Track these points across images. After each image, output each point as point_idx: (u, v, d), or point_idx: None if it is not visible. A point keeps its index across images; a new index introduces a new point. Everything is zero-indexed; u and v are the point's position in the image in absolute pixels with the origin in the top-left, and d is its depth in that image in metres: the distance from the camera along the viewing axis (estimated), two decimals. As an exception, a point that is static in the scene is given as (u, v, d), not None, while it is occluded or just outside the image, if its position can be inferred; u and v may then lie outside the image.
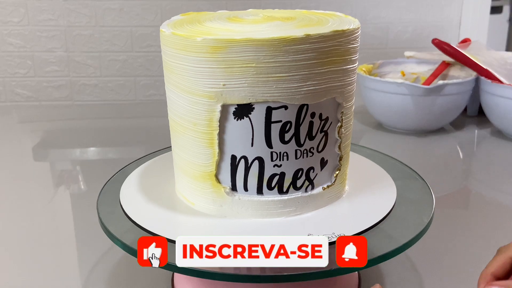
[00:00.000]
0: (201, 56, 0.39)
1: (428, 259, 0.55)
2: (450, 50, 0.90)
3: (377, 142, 0.92)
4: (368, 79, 0.91)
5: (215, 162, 0.42)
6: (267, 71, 0.39)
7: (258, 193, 0.43)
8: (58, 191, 0.75)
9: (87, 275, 0.53)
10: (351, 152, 0.57)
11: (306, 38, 0.38)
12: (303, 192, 0.44)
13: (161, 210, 0.46)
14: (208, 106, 0.41)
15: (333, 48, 0.40)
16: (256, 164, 0.42)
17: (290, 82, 0.39)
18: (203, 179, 0.44)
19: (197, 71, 0.40)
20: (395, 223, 0.44)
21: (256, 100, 0.40)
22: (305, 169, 0.43)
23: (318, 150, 0.44)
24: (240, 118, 0.41)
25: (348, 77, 0.43)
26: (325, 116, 0.43)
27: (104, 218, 0.45)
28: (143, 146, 0.90)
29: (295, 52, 0.38)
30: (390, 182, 0.51)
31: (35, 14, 1.10)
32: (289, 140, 0.42)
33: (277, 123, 0.41)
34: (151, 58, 1.15)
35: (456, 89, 0.87)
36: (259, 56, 0.38)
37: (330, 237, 0.40)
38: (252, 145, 0.41)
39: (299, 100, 0.40)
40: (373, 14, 1.25)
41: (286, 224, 0.43)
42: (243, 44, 0.38)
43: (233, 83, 0.39)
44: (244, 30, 0.41)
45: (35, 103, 1.14)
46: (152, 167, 0.56)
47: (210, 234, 0.43)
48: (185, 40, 0.40)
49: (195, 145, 0.43)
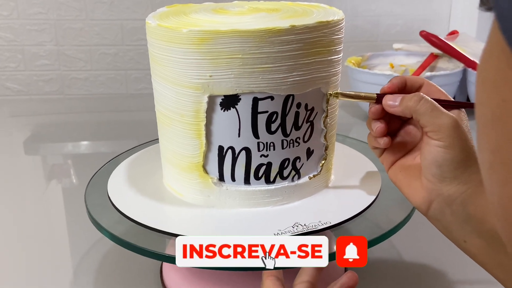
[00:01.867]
0: (187, 47, 0.40)
1: (413, 248, 0.56)
2: (437, 42, 0.91)
3: (366, 133, 0.92)
4: (356, 71, 0.91)
5: (202, 153, 0.43)
6: (253, 62, 0.39)
7: (245, 183, 0.44)
8: (49, 184, 0.75)
9: (76, 266, 0.54)
10: (339, 143, 0.58)
11: (291, 29, 0.39)
12: (289, 182, 0.45)
13: (149, 201, 0.46)
14: (195, 98, 0.41)
15: (318, 39, 0.41)
16: (243, 154, 0.43)
17: (276, 73, 0.40)
18: (191, 170, 0.44)
19: (184, 62, 0.40)
20: (379, 211, 0.45)
21: (242, 91, 0.40)
22: (291, 159, 0.44)
23: (304, 140, 0.44)
24: (227, 109, 0.41)
25: (333, 68, 0.44)
26: (310, 106, 0.43)
27: (92, 209, 0.46)
28: (135, 139, 0.90)
29: (281, 43, 0.39)
30: (376, 172, 0.51)
31: (25, 8, 1.09)
32: (275, 131, 0.42)
33: (264, 114, 0.41)
34: (142, 52, 1.15)
35: (444, 80, 0.87)
36: (245, 47, 0.38)
37: (316, 225, 0.41)
38: (239, 135, 0.42)
39: (285, 91, 0.41)
40: (364, 7, 1.26)
41: (273, 213, 0.44)
42: (229, 36, 0.38)
43: (219, 74, 0.40)
44: (230, 21, 0.42)
45: (25, 97, 1.14)
46: (140, 159, 0.56)
47: (197, 224, 0.44)
48: (171, 31, 0.40)
49: (182, 136, 0.43)
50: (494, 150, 0.19)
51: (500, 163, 0.19)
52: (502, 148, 0.18)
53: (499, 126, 0.18)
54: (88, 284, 0.51)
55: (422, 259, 0.54)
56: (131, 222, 0.43)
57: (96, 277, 0.52)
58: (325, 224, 0.41)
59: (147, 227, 0.42)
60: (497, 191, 0.19)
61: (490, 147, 0.19)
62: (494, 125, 0.18)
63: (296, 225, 0.41)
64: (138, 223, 0.43)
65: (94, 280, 0.51)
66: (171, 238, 0.41)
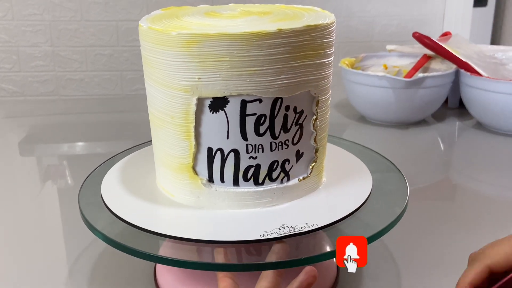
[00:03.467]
0: (176, 50, 0.40)
1: (407, 250, 0.56)
2: (430, 44, 0.92)
3: (359, 134, 0.93)
4: (350, 72, 0.92)
5: (192, 154, 0.43)
6: (241, 65, 0.39)
7: (234, 185, 0.44)
8: (44, 186, 0.76)
9: (71, 266, 0.54)
10: (331, 145, 0.59)
11: (278, 32, 0.39)
12: (278, 184, 0.45)
13: (141, 202, 0.47)
14: (184, 100, 0.42)
15: (306, 42, 0.41)
16: (232, 156, 0.43)
17: (264, 76, 0.40)
18: (181, 170, 0.45)
19: (173, 65, 0.41)
20: (369, 213, 0.45)
21: (230, 93, 0.41)
22: (280, 161, 0.44)
23: (293, 143, 0.44)
24: (216, 111, 0.42)
25: (323, 71, 0.44)
26: (299, 109, 0.43)
27: (85, 210, 0.46)
28: (130, 140, 0.90)
29: (268, 47, 0.39)
30: (367, 174, 0.52)
31: (20, 9, 1.10)
32: (264, 133, 0.43)
33: (252, 116, 0.42)
34: (137, 53, 1.15)
35: (437, 81, 0.88)
36: (232, 50, 0.39)
37: (303, 227, 0.41)
38: (228, 137, 0.42)
39: (273, 94, 0.41)
40: (359, 8, 1.26)
41: (261, 215, 0.44)
42: (216, 39, 0.39)
43: (207, 77, 0.40)
44: (219, 24, 0.42)
45: (20, 98, 1.14)
46: (135, 160, 0.57)
47: (187, 225, 0.44)
48: (161, 34, 0.41)
49: (173, 138, 0.44)
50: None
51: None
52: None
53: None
54: (82, 285, 0.51)
55: (415, 262, 0.55)
56: (124, 223, 0.44)
57: (90, 278, 0.52)
58: (312, 226, 0.41)
59: (138, 227, 0.42)
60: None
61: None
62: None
63: (283, 227, 0.41)
64: (130, 224, 0.43)
65: (88, 281, 0.52)
66: (165, 239, 0.42)
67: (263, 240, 0.40)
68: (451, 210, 0.67)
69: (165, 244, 0.42)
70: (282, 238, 0.40)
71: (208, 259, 0.41)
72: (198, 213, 0.45)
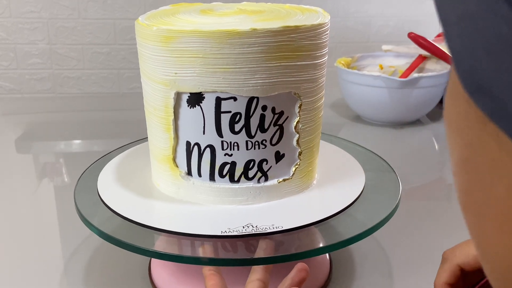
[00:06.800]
0: (156, 45, 0.42)
1: (400, 248, 0.57)
2: (425, 44, 0.93)
3: (355, 134, 0.94)
4: (345, 72, 0.92)
5: (171, 146, 0.45)
6: (214, 62, 0.40)
7: (210, 180, 0.45)
8: (41, 183, 0.76)
9: (67, 262, 0.55)
10: (326, 143, 0.59)
11: (252, 32, 0.39)
12: (255, 183, 0.45)
13: (135, 197, 0.47)
14: (164, 93, 0.43)
15: (283, 43, 0.40)
16: (208, 151, 0.44)
17: (237, 74, 0.40)
18: (164, 162, 0.46)
19: (155, 59, 0.42)
20: (362, 211, 0.45)
21: (205, 89, 0.41)
22: (257, 161, 0.44)
23: (272, 143, 0.44)
24: (193, 106, 0.42)
25: (306, 73, 0.43)
26: (279, 110, 0.43)
27: (81, 205, 0.46)
28: (127, 138, 0.90)
29: (241, 45, 0.39)
30: (360, 173, 0.51)
31: (17, 6, 1.10)
32: (239, 131, 0.43)
33: (227, 114, 0.42)
34: (134, 51, 1.15)
35: (431, 81, 0.89)
36: (206, 47, 0.40)
37: (267, 228, 0.41)
38: (204, 133, 0.43)
39: (248, 93, 0.41)
40: (356, 8, 1.27)
41: (233, 212, 0.44)
42: (190, 35, 0.40)
43: (183, 72, 0.41)
44: (204, 22, 0.43)
45: (17, 96, 1.14)
46: (131, 156, 0.57)
47: (168, 217, 0.45)
48: (145, 29, 0.42)
49: (157, 129, 0.45)
50: (466, 191, 0.18)
51: (473, 202, 0.18)
52: (472, 191, 0.18)
53: (468, 169, 0.17)
54: (78, 280, 0.52)
55: (407, 258, 0.55)
56: (120, 218, 0.44)
57: (86, 273, 0.53)
58: (276, 228, 0.41)
59: (132, 221, 0.43)
60: (472, 231, 0.19)
61: (461, 188, 0.19)
62: (462, 168, 0.18)
63: (247, 225, 0.41)
64: (124, 218, 0.44)
65: (84, 276, 0.52)
66: (160, 234, 0.42)
67: (222, 236, 0.40)
68: (445, 209, 0.68)
69: (161, 238, 0.42)
70: (243, 237, 0.40)
71: (189, 252, 0.41)
72: (176, 206, 0.45)
